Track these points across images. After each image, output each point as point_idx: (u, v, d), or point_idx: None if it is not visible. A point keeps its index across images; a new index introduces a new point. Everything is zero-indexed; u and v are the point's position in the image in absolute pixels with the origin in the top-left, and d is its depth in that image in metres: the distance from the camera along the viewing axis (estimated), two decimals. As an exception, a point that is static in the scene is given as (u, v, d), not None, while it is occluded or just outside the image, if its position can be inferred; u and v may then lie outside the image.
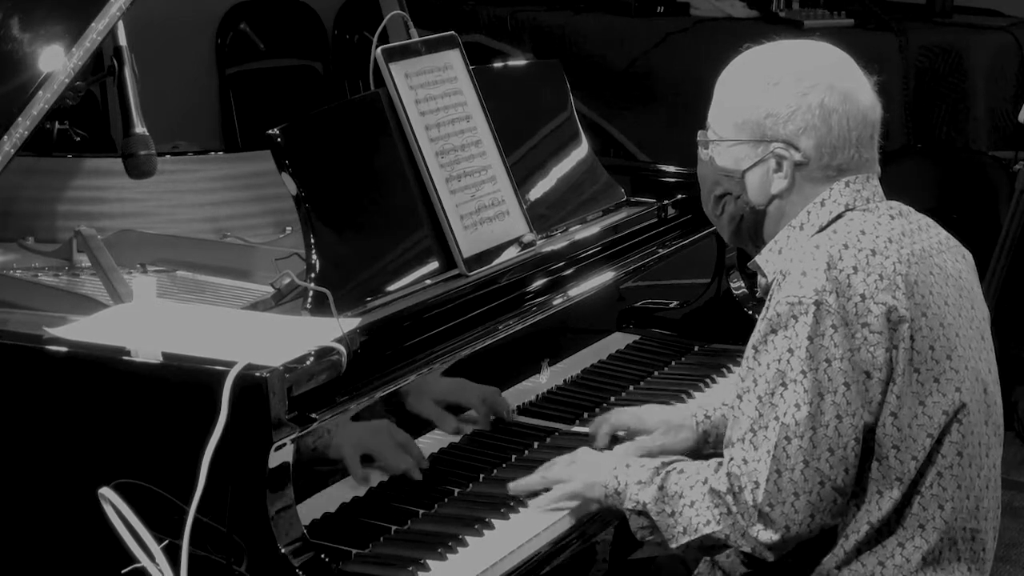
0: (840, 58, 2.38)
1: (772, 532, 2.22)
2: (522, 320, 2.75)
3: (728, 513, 2.25)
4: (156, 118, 2.86)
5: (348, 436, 2.39)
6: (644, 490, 2.37)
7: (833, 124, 2.31)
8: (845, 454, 2.21)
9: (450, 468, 2.63)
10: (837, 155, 2.33)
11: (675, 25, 5.95)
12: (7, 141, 2.63)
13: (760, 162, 2.36)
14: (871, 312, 2.21)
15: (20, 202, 3.19)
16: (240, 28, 6.70)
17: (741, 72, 2.40)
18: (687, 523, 2.30)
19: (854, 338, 2.21)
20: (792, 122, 2.32)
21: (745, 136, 2.36)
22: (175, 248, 3.08)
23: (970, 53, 5.44)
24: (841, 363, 2.20)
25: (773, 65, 2.36)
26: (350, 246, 2.62)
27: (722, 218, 2.45)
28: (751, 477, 2.22)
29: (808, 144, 2.32)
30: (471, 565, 2.35)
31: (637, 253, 3.13)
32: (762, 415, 2.23)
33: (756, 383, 2.25)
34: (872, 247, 2.27)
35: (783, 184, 2.35)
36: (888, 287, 2.23)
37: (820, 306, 2.20)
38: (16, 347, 2.36)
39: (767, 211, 2.39)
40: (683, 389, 3.09)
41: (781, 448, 2.20)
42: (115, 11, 2.73)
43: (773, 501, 2.21)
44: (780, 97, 2.32)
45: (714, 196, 2.44)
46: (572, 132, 3.25)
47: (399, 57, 2.80)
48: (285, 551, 2.19)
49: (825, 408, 2.19)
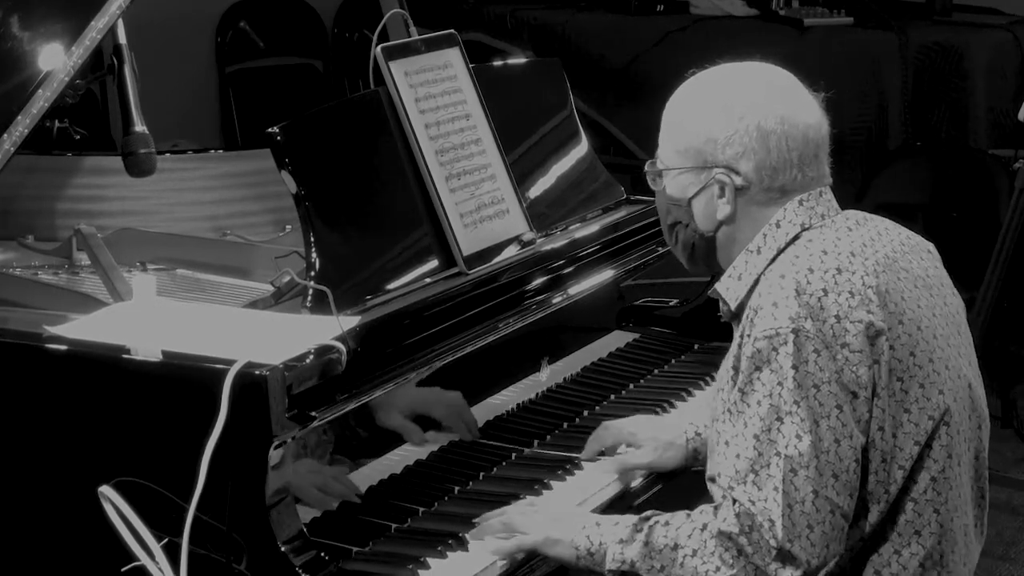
0: (780, 80, 2.37)
1: (793, 569, 2.17)
2: (522, 318, 2.75)
3: (740, 555, 2.19)
4: (156, 116, 2.86)
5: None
6: (627, 548, 2.29)
7: (771, 146, 2.29)
8: (848, 478, 2.19)
9: (450, 466, 2.63)
10: (778, 177, 2.31)
11: (675, 23, 5.96)
12: (7, 139, 2.63)
13: (704, 189, 2.34)
14: (848, 332, 2.19)
15: (20, 200, 3.19)
16: (240, 26, 6.70)
17: (682, 99, 2.40)
18: (691, 574, 2.23)
19: (836, 360, 2.19)
20: (731, 147, 2.30)
21: (688, 163, 2.35)
22: (175, 246, 3.08)
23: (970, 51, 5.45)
24: (830, 386, 2.18)
25: (711, 91, 2.37)
26: (350, 244, 2.62)
27: (677, 247, 2.44)
28: (764, 515, 2.18)
29: (748, 167, 2.31)
30: (471, 563, 2.35)
31: (637, 251, 3.14)
32: (762, 454, 2.19)
33: (747, 424, 2.21)
34: (837, 265, 2.24)
35: (727, 210, 2.33)
36: (861, 303, 2.21)
37: (798, 333, 2.18)
38: (16, 345, 2.37)
39: (716, 237, 2.37)
40: (683, 387, 3.09)
41: (789, 482, 2.17)
42: (115, 9, 2.73)
43: (791, 536, 2.17)
44: (718, 122, 2.32)
45: (667, 225, 2.43)
46: (572, 130, 3.25)
47: (399, 55, 2.80)
48: (285, 549, 2.19)
49: (823, 434, 2.17)
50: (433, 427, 2.63)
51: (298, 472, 2.30)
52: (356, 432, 2.46)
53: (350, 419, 2.42)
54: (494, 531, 2.41)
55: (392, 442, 2.54)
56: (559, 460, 2.72)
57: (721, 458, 2.27)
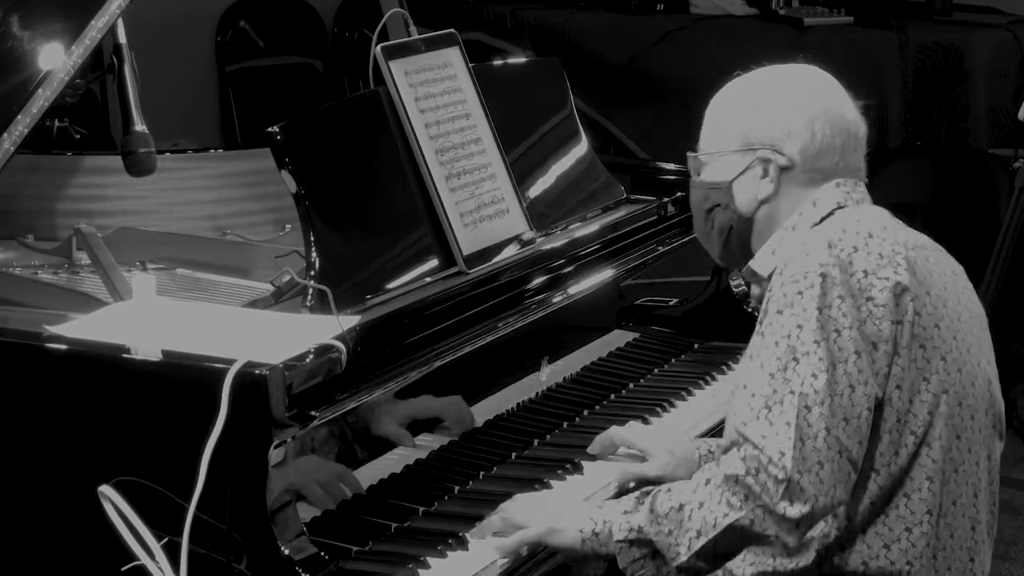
0: (824, 78, 2.45)
1: (800, 505, 2.18)
2: (522, 318, 2.75)
3: (749, 496, 2.20)
4: (156, 116, 2.86)
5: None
6: (633, 516, 2.31)
7: (816, 130, 2.37)
8: (859, 424, 2.21)
9: (450, 466, 2.63)
10: (821, 159, 2.38)
11: (675, 23, 5.95)
12: (7, 139, 2.63)
13: (747, 170, 2.41)
14: (874, 287, 2.24)
15: (20, 200, 3.19)
16: (240, 26, 6.70)
17: (726, 95, 2.48)
18: (700, 524, 2.24)
19: (859, 310, 2.23)
20: (776, 128, 2.38)
21: (732, 147, 2.42)
22: (175, 246, 3.08)
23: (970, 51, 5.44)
24: (851, 332, 2.21)
25: (756, 84, 2.45)
26: (350, 244, 2.62)
27: (712, 232, 2.48)
28: (775, 448, 2.18)
29: (793, 149, 2.38)
30: (471, 563, 2.35)
31: (637, 251, 3.13)
32: (776, 391, 2.21)
33: (764, 365, 2.24)
34: (869, 231, 2.31)
35: (769, 189, 2.40)
36: (889, 263, 2.26)
37: (826, 278, 2.23)
38: (16, 345, 2.36)
39: (755, 218, 2.43)
40: (683, 387, 3.09)
41: (803, 417, 2.19)
42: (115, 9, 2.73)
43: (801, 469, 2.18)
44: (764, 107, 2.40)
45: (703, 211, 2.48)
46: (572, 130, 3.25)
47: (399, 55, 2.80)
48: (285, 549, 2.19)
49: (838, 378, 2.20)
50: (433, 427, 2.63)
51: (302, 470, 2.30)
52: (356, 431, 2.46)
53: (349, 418, 2.43)
54: (495, 528, 2.42)
55: (391, 442, 2.54)
56: (559, 459, 2.72)
57: (738, 400, 2.28)
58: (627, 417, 2.87)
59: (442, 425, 2.65)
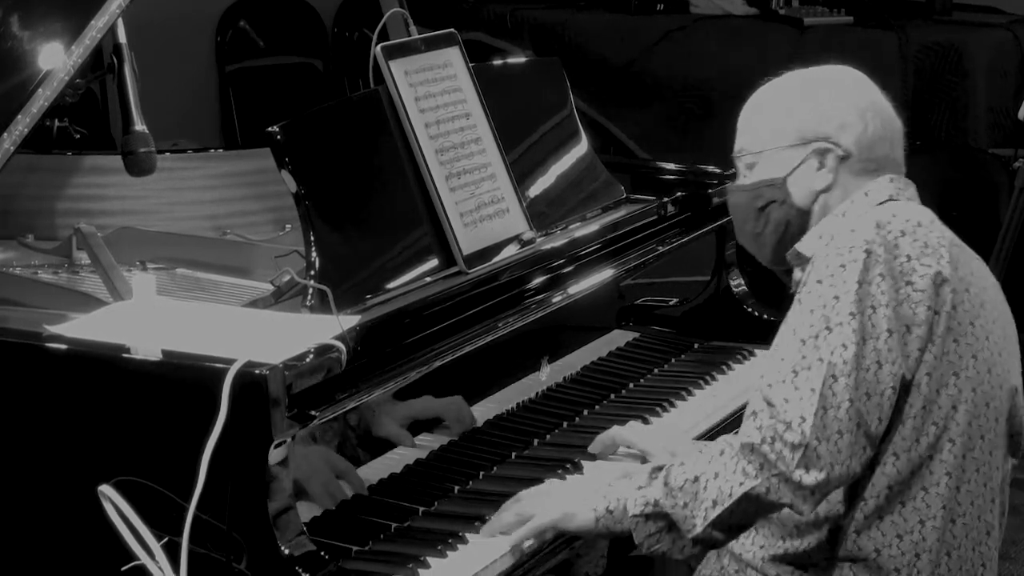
0: (863, 76, 2.48)
1: (816, 472, 2.20)
2: (522, 317, 2.75)
3: (764, 464, 2.22)
4: (156, 115, 2.86)
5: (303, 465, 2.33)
6: (648, 490, 2.33)
7: (868, 120, 2.40)
8: (881, 401, 2.23)
9: (450, 465, 2.63)
10: (875, 149, 2.41)
11: (675, 23, 5.96)
12: (7, 139, 2.63)
13: (802, 163, 2.42)
14: (916, 272, 2.26)
15: (20, 200, 3.19)
16: (240, 26, 6.70)
17: (767, 94, 2.49)
18: (716, 494, 2.25)
19: (898, 292, 2.25)
20: (830, 121, 2.40)
21: (783, 143, 2.42)
22: (175, 246, 3.08)
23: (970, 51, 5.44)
24: (886, 310, 2.23)
25: (799, 80, 2.47)
26: (350, 244, 2.62)
27: (766, 231, 2.48)
28: (797, 412, 2.20)
29: (848, 140, 2.40)
30: (471, 562, 2.35)
31: (637, 250, 3.13)
32: (805, 356, 2.23)
33: (796, 330, 2.26)
34: (919, 220, 2.33)
35: (828, 179, 2.41)
36: (933, 254, 2.29)
37: (870, 255, 2.25)
38: (16, 344, 2.36)
39: (812, 210, 2.44)
40: (683, 387, 3.09)
41: (828, 386, 2.21)
42: (115, 8, 2.72)
43: (820, 436, 2.20)
44: (814, 102, 2.42)
45: (755, 209, 2.47)
46: (571, 130, 3.25)
47: (399, 55, 2.80)
48: (285, 548, 2.19)
49: (867, 353, 2.22)
50: (433, 427, 2.63)
51: (305, 468, 2.30)
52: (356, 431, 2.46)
53: (350, 418, 2.43)
54: (508, 521, 2.42)
55: (391, 442, 2.54)
56: (559, 459, 2.72)
57: (768, 364, 2.30)
58: (627, 417, 2.87)
59: (442, 425, 2.65)
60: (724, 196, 3.33)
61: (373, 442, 2.50)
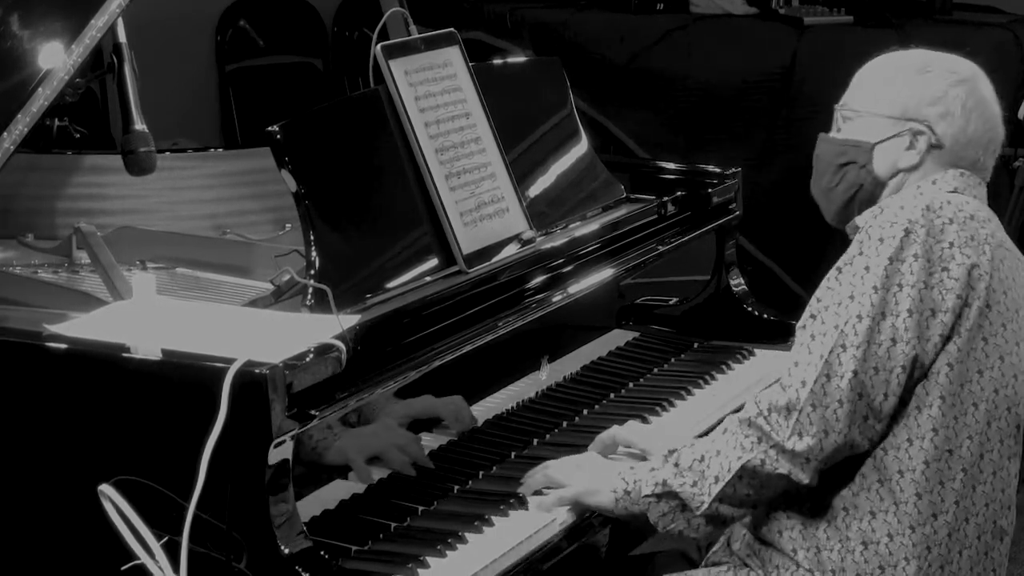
0: (986, 80, 2.49)
1: (808, 438, 2.24)
2: (522, 317, 2.75)
3: (761, 437, 2.29)
4: (156, 115, 2.86)
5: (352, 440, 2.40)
6: (659, 472, 2.40)
7: (972, 120, 2.42)
8: (888, 378, 2.25)
9: (450, 465, 2.63)
10: (968, 150, 2.43)
11: (675, 22, 5.94)
12: (7, 138, 2.63)
13: (894, 136, 2.43)
14: (954, 260, 2.28)
15: (20, 199, 3.19)
16: (240, 25, 6.70)
17: (888, 61, 2.50)
18: (717, 470, 2.33)
19: (931, 276, 2.27)
20: (936, 107, 2.41)
21: (886, 111, 2.43)
22: (175, 245, 3.08)
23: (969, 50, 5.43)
24: (911, 290, 2.25)
25: (923, 57, 2.48)
26: (350, 243, 2.62)
27: (837, 188, 2.49)
28: (799, 377, 2.26)
29: (946, 131, 2.41)
30: (471, 562, 2.35)
31: (637, 250, 3.13)
32: (824, 322, 2.28)
33: (824, 296, 2.31)
34: (972, 214, 2.35)
35: (913, 160, 2.42)
36: (976, 248, 2.30)
37: (909, 234, 2.27)
38: (16, 344, 2.36)
39: (888, 184, 2.45)
40: (682, 386, 3.09)
41: (836, 355, 2.25)
42: (115, 8, 2.72)
43: (816, 403, 2.24)
44: (929, 83, 2.42)
45: (836, 165, 2.48)
46: (572, 129, 3.25)
47: (399, 54, 2.80)
48: (285, 548, 2.19)
49: (883, 328, 2.25)
50: (432, 426, 2.63)
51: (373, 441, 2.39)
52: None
53: (350, 418, 2.43)
54: (539, 484, 2.51)
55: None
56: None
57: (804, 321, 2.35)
58: (627, 416, 2.86)
59: (442, 424, 2.65)
60: (724, 196, 3.36)
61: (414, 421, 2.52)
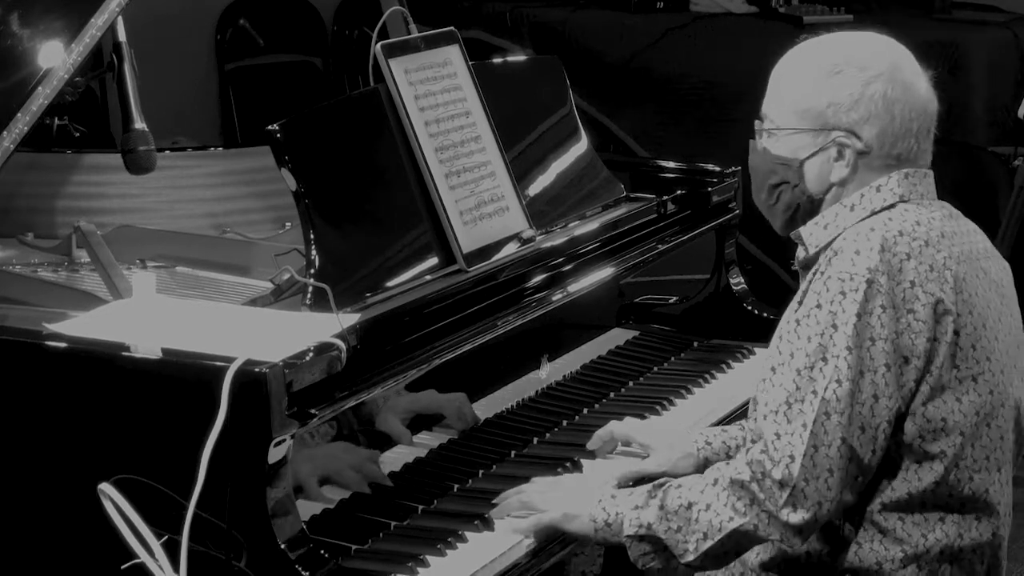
0: (900, 50, 2.38)
1: (803, 511, 2.20)
2: (521, 316, 2.75)
3: (753, 501, 2.22)
4: (156, 114, 2.86)
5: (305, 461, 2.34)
6: (643, 512, 2.32)
7: (896, 113, 2.31)
8: (875, 435, 2.21)
9: (450, 464, 2.63)
10: (898, 144, 2.33)
11: (674, 21, 5.95)
12: (7, 137, 2.63)
13: (820, 151, 2.35)
14: (918, 300, 2.22)
15: (19, 198, 3.19)
16: (239, 24, 6.69)
17: (800, 61, 2.38)
18: (706, 527, 2.26)
19: (899, 322, 2.21)
20: (855, 111, 2.31)
21: (805, 125, 2.34)
22: (174, 244, 3.08)
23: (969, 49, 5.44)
24: (885, 344, 2.20)
25: (834, 54, 2.35)
26: (350, 242, 2.62)
27: (776, 207, 2.42)
28: (785, 451, 2.20)
29: (871, 133, 2.32)
30: (471, 561, 2.35)
31: (636, 249, 3.13)
32: (799, 388, 2.21)
33: (794, 356, 2.23)
34: (926, 239, 2.27)
35: (844, 172, 2.34)
36: (937, 279, 2.24)
37: (872, 285, 2.20)
38: (15, 343, 2.36)
39: (824, 199, 2.38)
40: (682, 385, 3.09)
41: (820, 424, 2.19)
42: (114, 7, 2.72)
43: (808, 476, 2.19)
44: (842, 86, 2.31)
45: (769, 185, 2.41)
46: (571, 128, 3.25)
47: (399, 53, 2.80)
48: (284, 547, 2.19)
49: (864, 387, 2.19)
50: (432, 424, 2.63)
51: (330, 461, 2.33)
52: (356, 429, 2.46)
53: (349, 416, 2.43)
54: (512, 509, 2.44)
55: (391, 439, 2.54)
56: (559, 458, 2.72)
57: (765, 384, 2.28)
58: (627, 415, 2.86)
59: (442, 423, 2.65)
60: (724, 195, 3.36)
61: (373, 439, 2.50)
